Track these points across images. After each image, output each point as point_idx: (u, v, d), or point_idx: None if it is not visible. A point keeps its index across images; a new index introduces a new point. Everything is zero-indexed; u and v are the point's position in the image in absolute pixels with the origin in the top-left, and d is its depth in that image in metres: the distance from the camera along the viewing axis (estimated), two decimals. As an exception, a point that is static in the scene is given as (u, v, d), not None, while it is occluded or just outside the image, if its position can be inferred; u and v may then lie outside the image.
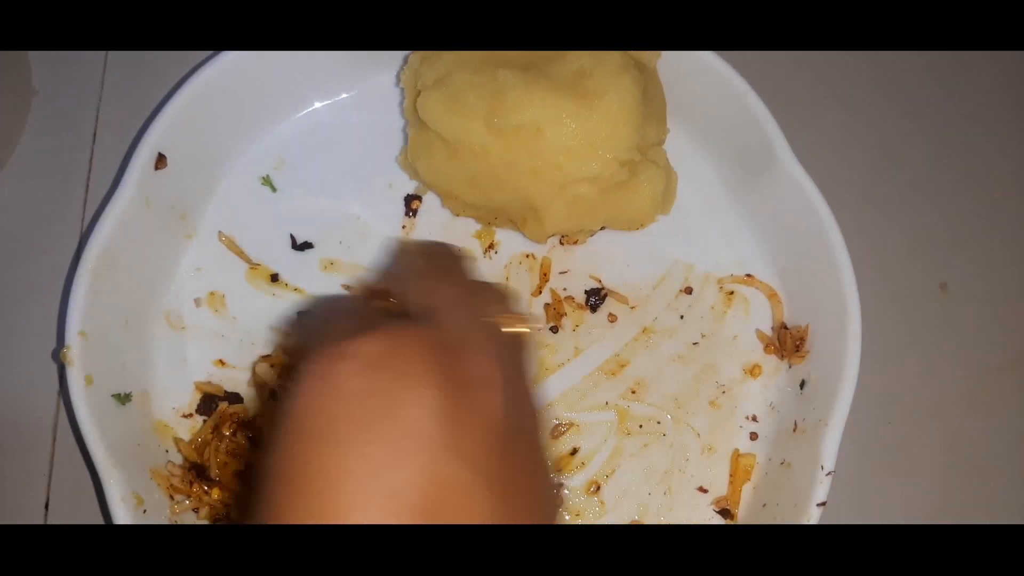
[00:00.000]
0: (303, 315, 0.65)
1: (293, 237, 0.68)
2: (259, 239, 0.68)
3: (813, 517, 0.58)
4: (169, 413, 0.64)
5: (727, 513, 0.64)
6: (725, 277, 0.68)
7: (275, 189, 0.69)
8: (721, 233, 0.69)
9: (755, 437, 0.66)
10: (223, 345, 0.66)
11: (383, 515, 0.33)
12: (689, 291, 0.68)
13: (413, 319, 0.42)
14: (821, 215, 0.63)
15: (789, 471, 0.62)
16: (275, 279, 0.67)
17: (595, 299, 0.68)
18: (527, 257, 0.69)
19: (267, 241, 0.68)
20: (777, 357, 0.67)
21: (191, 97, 0.64)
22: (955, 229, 0.73)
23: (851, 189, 0.72)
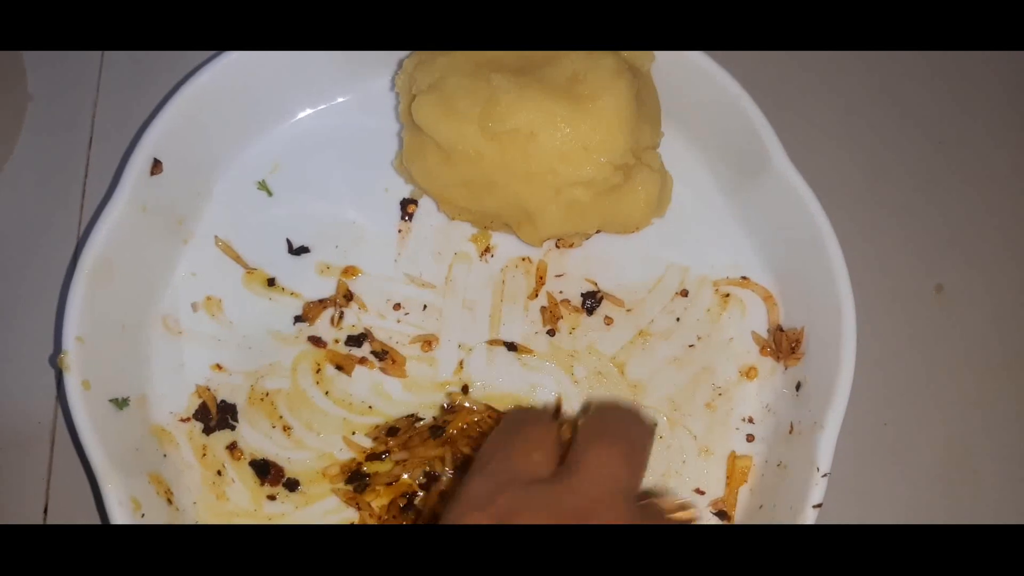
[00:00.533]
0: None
1: (289, 241, 0.68)
2: (255, 244, 0.68)
3: (809, 519, 0.58)
4: (167, 417, 0.64)
5: (724, 515, 0.64)
6: (721, 280, 0.69)
7: (271, 193, 0.69)
8: (716, 236, 0.69)
9: (751, 439, 0.66)
10: (220, 349, 0.66)
11: None
12: (685, 294, 0.68)
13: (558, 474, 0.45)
14: (816, 218, 0.63)
15: (785, 473, 0.62)
16: (272, 283, 0.67)
17: (591, 302, 0.68)
18: (523, 260, 0.69)
19: (263, 245, 0.68)
20: (773, 359, 0.67)
21: (186, 102, 0.64)
22: (951, 231, 0.73)
23: (846, 191, 0.72)
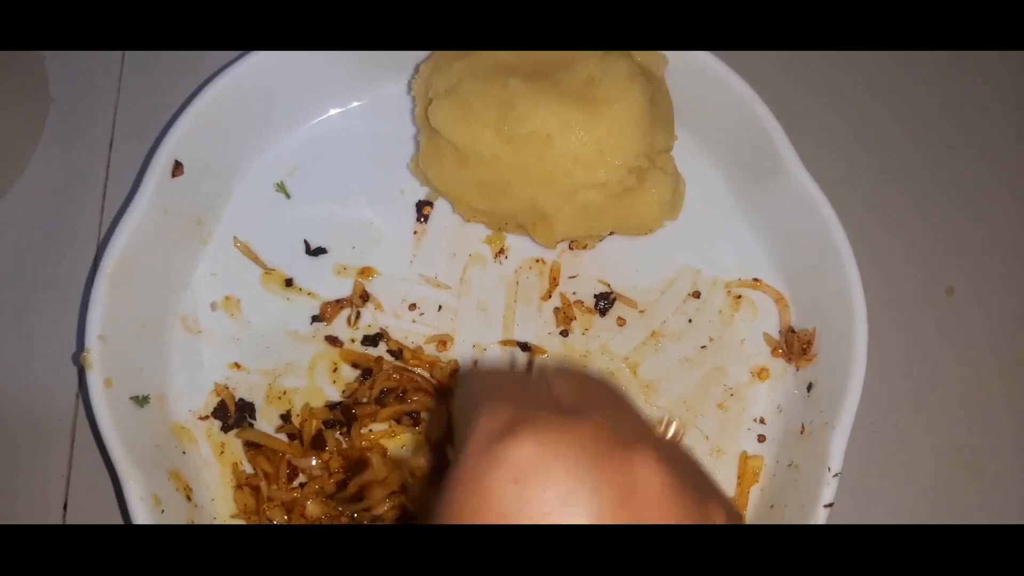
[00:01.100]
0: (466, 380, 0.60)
1: (307, 242, 0.69)
2: (273, 244, 0.69)
3: (820, 518, 0.59)
4: (186, 415, 0.65)
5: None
6: (733, 281, 0.69)
7: (289, 195, 0.70)
8: (728, 238, 0.70)
9: (763, 439, 0.66)
10: (239, 348, 0.67)
11: None
12: (697, 295, 0.69)
13: (564, 413, 0.38)
14: (828, 221, 0.64)
15: (796, 473, 0.63)
16: (289, 284, 0.68)
17: (604, 303, 0.69)
18: (537, 262, 0.70)
19: (281, 246, 0.69)
20: (784, 360, 0.67)
21: (206, 106, 0.65)
22: (961, 234, 0.73)
23: (857, 194, 0.73)
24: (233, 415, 0.65)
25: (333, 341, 0.67)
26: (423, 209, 0.70)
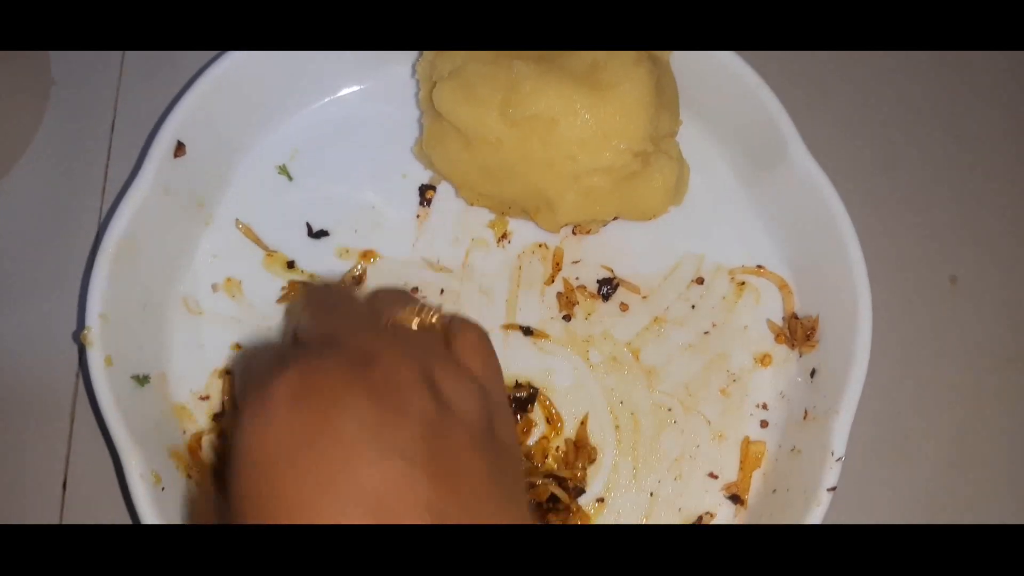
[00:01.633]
0: (243, 361, 0.65)
1: (309, 225, 0.69)
2: (275, 227, 0.68)
3: (823, 502, 0.59)
4: (186, 396, 0.65)
5: (737, 499, 0.65)
6: (736, 268, 0.69)
7: (291, 178, 0.70)
8: (733, 224, 0.70)
9: (765, 425, 0.66)
10: (240, 330, 0.66)
11: (345, 518, 0.36)
12: (700, 281, 0.69)
13: (318, 347, 0.44)
14: (833, 208, 0.64)
15: (799, 458, 0.63)
16: (291, 266, 0.68)
17: (607, 288, 0.69)
18: (540, 247, 0.69)
19: (283, 229, 0.68)
20: (788, 347, 0.67)
21: (209, 86, 0.64)
22: (966, 223, 0.73)
23: (862, 182, 0.73)
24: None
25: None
26: (426, 193, 0.70)
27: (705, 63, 0.66)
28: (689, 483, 0.65)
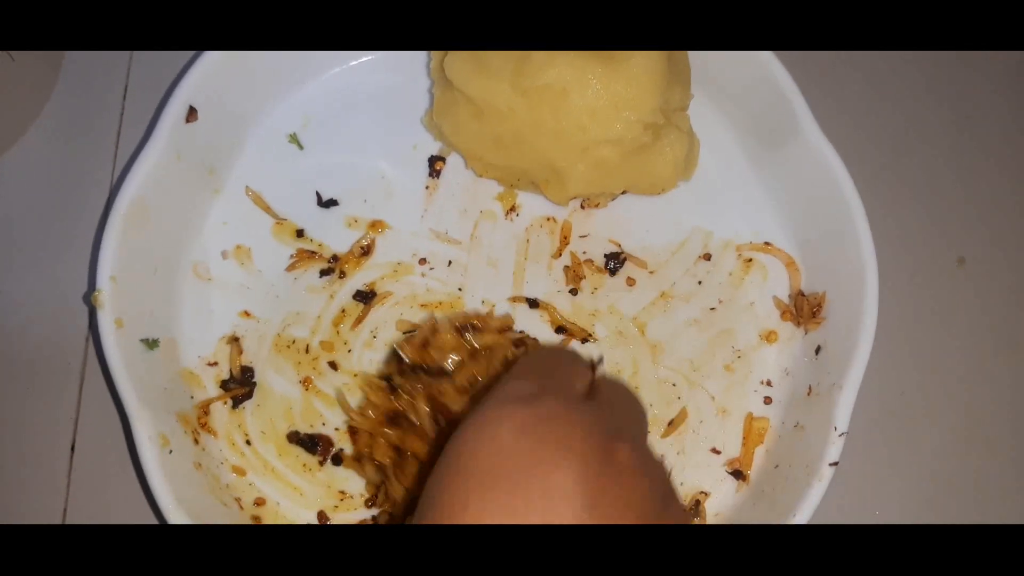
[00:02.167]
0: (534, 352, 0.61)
1: (319, 194, 0.69)
2: (285, 195, 0.69)
3: (825, 477, 0.59)
4: (195, 361, 0.65)
5: (739, 474, 0.65)
6: (744, 244, 0.69)
7: (302, 147, 0.70)
8: (741, 201, 0.70)
9: (769, 401, 0.66)
10: (248, 297, 0.67)
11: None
12: (708, 257, 0.69)
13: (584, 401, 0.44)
14: (842, 186, 0.64)
15: (802, 433, 0.63)
16: (300, 235, 0.68)
17: (614, 263, 0.69)
18: (548, 220, 0.70)
19: (293, 197, 0.69)
20: (793, 324, 0.67)
21: (222, 54, 0.65)
22: (974, 204, 0.73)
23: (871, 161, 0.73)
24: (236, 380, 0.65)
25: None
26: (435, 164, 0.70)
27: (718, 38, 0.66)
28: (692, 457, 0.65)
